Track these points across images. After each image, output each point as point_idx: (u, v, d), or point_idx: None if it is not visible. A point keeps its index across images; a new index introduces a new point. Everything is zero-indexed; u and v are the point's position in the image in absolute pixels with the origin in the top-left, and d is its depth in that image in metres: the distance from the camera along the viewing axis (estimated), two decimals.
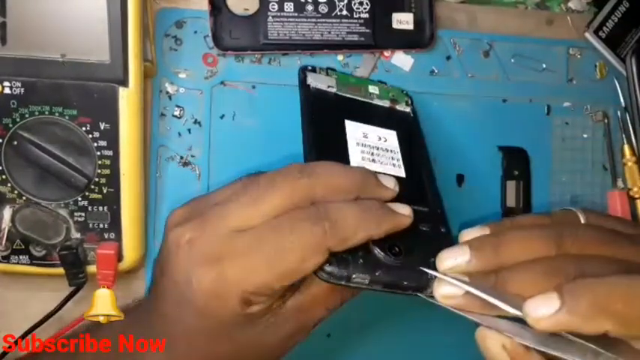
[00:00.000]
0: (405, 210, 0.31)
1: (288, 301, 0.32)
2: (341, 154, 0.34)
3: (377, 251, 0.29)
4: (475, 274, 0.28)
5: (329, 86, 0.39)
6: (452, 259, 0.28)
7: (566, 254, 0.28)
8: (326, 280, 0.29)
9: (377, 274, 0.29)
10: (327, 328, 0.43)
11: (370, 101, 0.40)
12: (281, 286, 0.30)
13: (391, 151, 0.36)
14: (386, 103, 0.40)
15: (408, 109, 0.41)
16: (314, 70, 0.40)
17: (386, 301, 0.43)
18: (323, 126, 0.35)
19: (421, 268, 0.28)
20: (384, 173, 0.33)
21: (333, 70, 0.41)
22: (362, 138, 0.36)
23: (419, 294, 0.29)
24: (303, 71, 0.39)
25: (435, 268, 0.28)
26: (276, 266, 0.29)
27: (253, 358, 0.33)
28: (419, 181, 0.36)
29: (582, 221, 0.31)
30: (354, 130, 0.36)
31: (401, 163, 0.36)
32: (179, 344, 0.33)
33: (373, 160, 0.35)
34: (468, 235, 0.29)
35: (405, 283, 0.29)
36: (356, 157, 0.34)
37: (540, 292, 0.25)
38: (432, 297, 0.29)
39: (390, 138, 0.37)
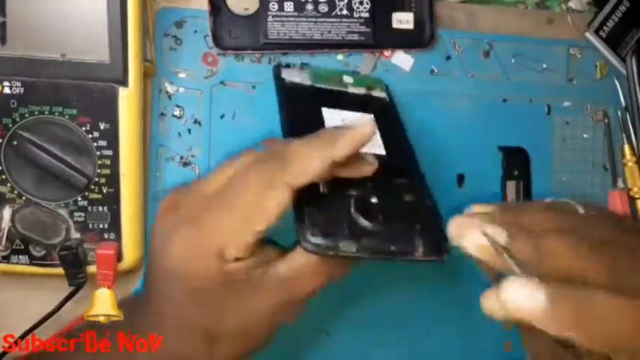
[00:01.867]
0: (361, 127, 0.30)
1: (271, 268, 0.32)
2: None
3: (361, 220, 0.30)
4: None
5: (303, 79, 0.39)
6: (482, 208, 0.29)
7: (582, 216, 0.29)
8: (314, 252, 0.29)
9: (363, 241, 0.29)
10: (327, 327, 0.43)
11: (345, 89, 0.40)
12: (251, 233, 0.30)
13: None
14: (361, 90, 0.40)
15: (383, 94, 0.41)
16: (288, 66, 0.40)
17: (386, 301, 0.43)
18: (300, 115, 0.36)
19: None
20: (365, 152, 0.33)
21: (307, 64, 0.41)
22: (340, 123, 0.36)
23: (407, 258, 0.30)
24: (278, 67, 0.39)
25: (420, 234, 0.30)
26: (238, 210, 0.30)
27: (242, 329, 0.33)
28: (399, 158, 0.36)
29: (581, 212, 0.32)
30: (332, 115, 0.37)
31: (380, 143, 0.36)
32: (166, 322, 0.33)
33: None
34: (477, 207, 0.30)
35: (393, 248, 0.30)
36: None
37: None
38: (420, 261, 0.30)
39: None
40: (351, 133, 0.29)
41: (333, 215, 0.30)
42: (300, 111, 0.36)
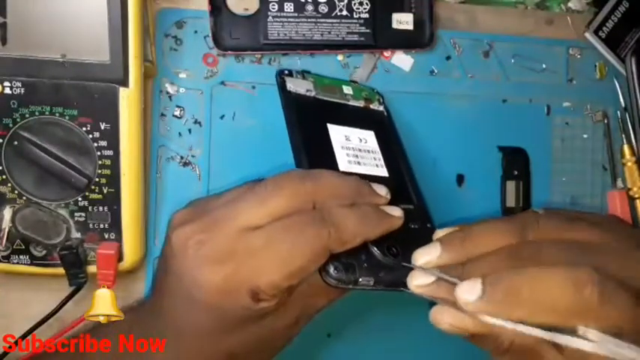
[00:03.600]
0: (396, 212, 0.33)
1: (290, 293, 0.33)
2: (329, 158, 0.36)
3: (378, 254, 0.32)
4: (447, 267, 0.30)
5: (307, 90, 0.39)
6: (425, 256, 0.30)
7: (526, 241, 0.30)
8: (334, 285, 0.31)
9: (380, 275, 0.31)
10: (327, 328, 0.43)
11: (347, 102, 0.41)
12: (289, 284, 0.31)
13: (372, 151, 0.38)
14: (360, 104, 0.41)
15: (381, 108, 0.42)
16: (290, 73, 0.40)
17: (385, 301, 0.43)
18: (308, 130, 0.37)
19: (403, 263, 0.31)
20: (371, 175, 0.36)
21: (308, 72, 0.41)
22: (345, 141, 0.38)
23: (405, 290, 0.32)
24: (281, 76, 0.39)
25: None
26: (286, 265, 0.31)
27: (260, 348, 0.34)
28: (401, 180, 0.38)
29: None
30: (337, 133, 0.38)
31: (382, 163, 0.38)
32: (187, 341, 0.33)
33: (358, 163, 0.37)
34: (441, 233, 0.32)
35: (405, 280, 0.31)
36: (343, 161, 0.36)
37: None
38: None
39: (369, 139, 0.39)
40: (389, 223, 0.32)
41: (352, 250, 0.31)
42: (309, 128, 0.37)
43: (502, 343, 0.29)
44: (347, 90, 0.41)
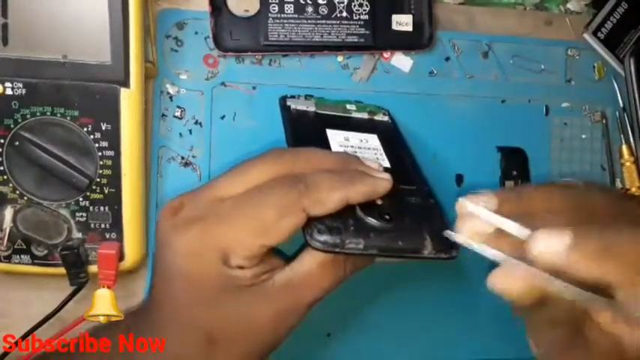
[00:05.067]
0: (383, 175, 0.32)
1: (276, 275, 0.32)
2: None
3: (368, 219, 0.30)
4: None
5: (308, 107, 0.40)
6: (480, 198, 0.28)
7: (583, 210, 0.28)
8: (320, 249, 0.29)
9: (370, 237, 0.30)
10: (327, 327, 0.43)
11: (349, 115, 0.41)
12: (259, 246, 0.31)
13: (374, 149, 0.37)
14: (364, 115, 0.41)
15: (386, 118, 0.42)
16: (293, 97, 0.41)
17: (385, 301, 0.43)
18: (306, 136, 0.36)
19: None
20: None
21: (311, 96, 0.41)
22: (343, 141, 0.37)
23: (416, 256, 0.30)
24: (284, 99, 0.40)
25: (429, 232, 0.30)
26: (252, 223, 0.30)
27: (243, 332, 0.33)
28: (404, 168, 0.36)
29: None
30: (336, 136, 0.37)
31: (384, 157, 0.37)
32: (171, 318, 0.33)
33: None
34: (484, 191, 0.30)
35: (401, 244, 0.30)
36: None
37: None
38: (429, 258, 0.29)
39: (371, 140, 0.38)
40: (372, 182, 0.31)
41: (338, 214, 0.30)
42: (307, 135, 0.36)
43: (560, 313, 0.27)
44: (350, 107, 0.41)
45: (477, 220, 0.28)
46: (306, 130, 0.37)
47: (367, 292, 0.43)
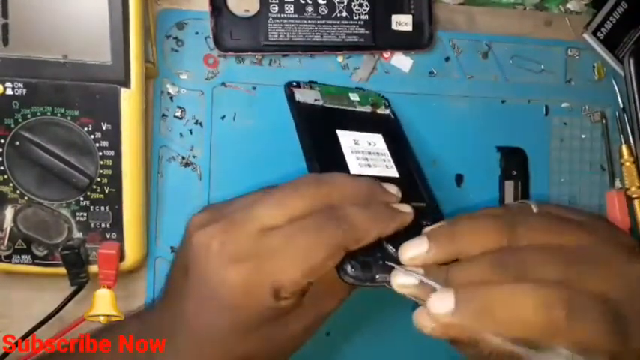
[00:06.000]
0: (406, 208, 0.34)
1: (307, 292, 0.34)
2: (340, 163, 0.37)
3: (392, 251, 0.32)
4: (433, 265, 0.31)
5: (315, 99, 0.40)
6: (414, 249, 0.31)
7: (512, 248, 0.30)
8: (351, 283, 0.31)
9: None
10: (326, 327, 0.43)
11: (354, 109, 0.41)
12: (307, 282, 0.32)
13: (382, 154, 0.39)
14: (368, 109, 0.42)
15: (387, 112, 0.42)
16: (298, 85, 0.41)
17: (385, 300, 0.43)
18: (318, 137, 0.37)
19: (386, 262, 0.31)
20: (382, 176, 0.36)
21: (315, 82, 0.42)
22: (354, 145, 0.38)
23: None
24: (290, 87, 0.40)
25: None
26: (304, 263, 0.31)
27: (278, 351, 0.35)
28: (411, 180, 0.38)
29: (535, 211, 0.34)
30: (346, 138, 0.38)
31: (392, 164, 0.38)
32: (207, 343, 0.33)
33: (369, 165, 0.37)
34: (429, 229, 0.32)
35: None
36: (354, 165, 0.37)
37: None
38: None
39: (378, 142, 0.39)
40: (401, 219, 0.33)
41: (367, 247, 0.32)
42: (318, 135, 0.38)
43: (482, 351, 0.29)
44: (353, 97, 0.42)
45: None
46: (317, 130, 0.38)
47: (367, 292, 0.43)
